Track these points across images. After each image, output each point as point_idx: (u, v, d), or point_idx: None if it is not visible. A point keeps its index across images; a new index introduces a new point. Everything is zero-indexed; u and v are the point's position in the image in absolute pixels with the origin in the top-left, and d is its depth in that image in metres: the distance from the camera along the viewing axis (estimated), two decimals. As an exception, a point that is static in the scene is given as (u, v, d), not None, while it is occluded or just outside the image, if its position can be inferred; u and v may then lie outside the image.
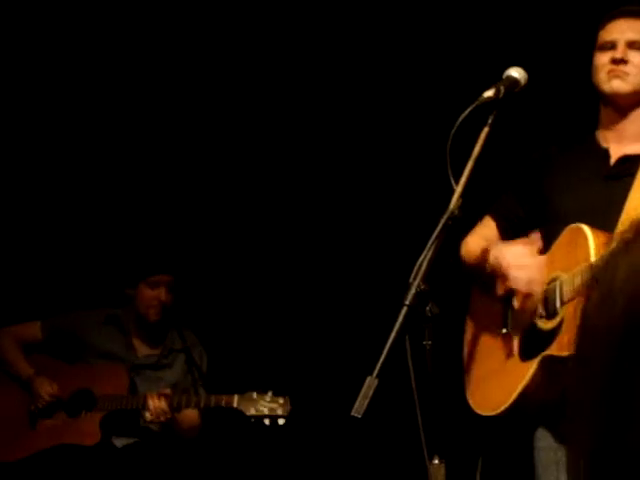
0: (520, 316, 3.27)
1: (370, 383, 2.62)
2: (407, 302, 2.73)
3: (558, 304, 3.12)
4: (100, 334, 5.09)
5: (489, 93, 3.05)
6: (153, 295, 5.01)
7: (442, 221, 2.87)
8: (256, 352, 5.57)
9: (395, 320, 2.67)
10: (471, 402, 3.33)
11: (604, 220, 3.14)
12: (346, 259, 5.54)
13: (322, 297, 5.58)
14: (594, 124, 3.41)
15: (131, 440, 4.96)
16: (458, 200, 2.91)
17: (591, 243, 3.07)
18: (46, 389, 4.97)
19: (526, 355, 3.23)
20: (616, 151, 3.32)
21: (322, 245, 5.60)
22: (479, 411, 3.31)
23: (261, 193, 5.71)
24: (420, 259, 2.82)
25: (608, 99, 3.30)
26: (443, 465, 2.75)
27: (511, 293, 3.26)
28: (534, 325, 3.20)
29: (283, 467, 5.57)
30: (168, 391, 4.87)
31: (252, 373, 5.24)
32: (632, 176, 3.20)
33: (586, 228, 3.12)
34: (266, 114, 5.61)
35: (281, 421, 4.66)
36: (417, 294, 2.74)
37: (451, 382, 3.35)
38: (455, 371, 3.48)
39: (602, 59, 3.30)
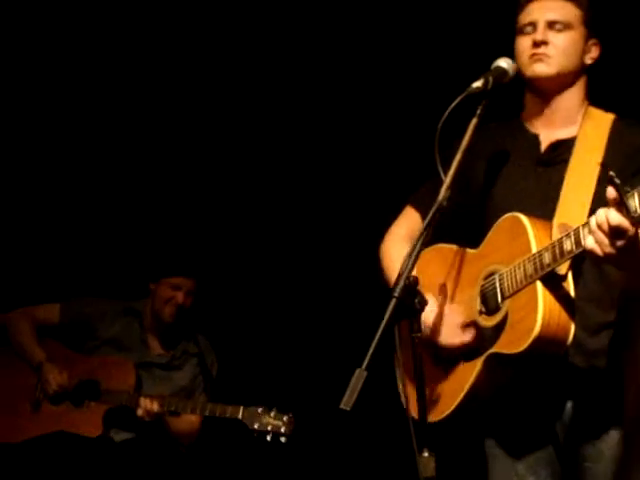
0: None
1: (359, 375, 2.60)
2: (396, 294, 2.70)
3: (499, 299, 3.03)
4: (116, 324, 5.12)
5: (477, 84, 3.03)
6: (172, 295, 5.05)
7: (431, 213, 2.85)
8: (262, 364, 5.59)
9: (384, 312, 2.67)
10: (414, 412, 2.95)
11: (539, 208, 3.06)
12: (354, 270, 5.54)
13: (311, 287, 5.60)
14: (517, 108, 3.28)
15: (130, 435, 4.97)
16: (447, 191, 2.88)
17: (531, 234, 2.98)
18: (55, 377, 4.98)
19: (467, 355, 3.11)
20: (546, 137, 3.20)
21: (328, 255, 5.63)
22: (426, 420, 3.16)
23: (274, 205, 5.75)
24: (409, 251, 2.80)
25: (533, 84, 3.18)
26: (433, 458, 2.74)
27: None
28: (475, 324, 3.09)
29: (274, 461, 5.58)
30: (165, 394, 4.92)
31: (255, 384, 5.27)
32: (565, 162, 3.11)
33: (524, 218, 3.02)
34: (277, 114, 5.64)
35: (283, 439, 4.66)
36: (406, 286, 2.72)
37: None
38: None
39: (523, 43, 3.17)
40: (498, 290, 3.04)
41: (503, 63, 3.11)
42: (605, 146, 3.10)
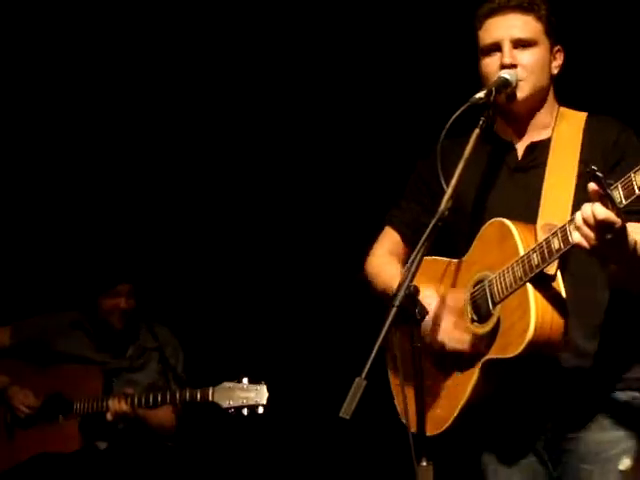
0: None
1: (358, 384, 2.61)
2: (396, 303, 2.71)
3: (490, 306, 3.03)
4: (69, 339, 5.10)
5: (480, 94, 3.03)
6: (114, 303, 5.03)
7: (432, 222, 2.85)
8: (238, 344, 5.59)
9: (384, 321, 2.67)
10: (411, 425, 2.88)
11: (522, 213, 3.05)
12: (333, 259, 5.55)
13: (312, 298, 5.61)
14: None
15: (112, 442, 4.94)
16: (448, 202, 2.88)
17: (517, 237, 2.99)
18: (20, 399, 4.95)
19: (463, 365, 3.11)
20: (521, 142, 3.20)
21: (304, 240, 5.64)
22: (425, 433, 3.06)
23: (242, 188, 5.75)
24: (410, 260, 2.80)
25: (505, 108, 3.14)
26: (431, 467, 2.75)
27: None
28: (466, 332, 3.08)
29: (272, 470, 5.58)
30: (130, 391, 4.86)
31: (233, 364, 5.25)
32: (543, 164, 3.10)
33: (509, 222, 3.02)
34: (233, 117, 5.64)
35: (260, 409, 4.61)
36: (406, 295, 2.73)
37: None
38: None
39: (490, 66, 3.13)
40: (488, 296, 3.05)
41: (506, 74, 3.11)
42: (581, 144, 3.11)
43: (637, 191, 2.63)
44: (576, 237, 2.74)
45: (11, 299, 5.54)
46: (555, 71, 3.21)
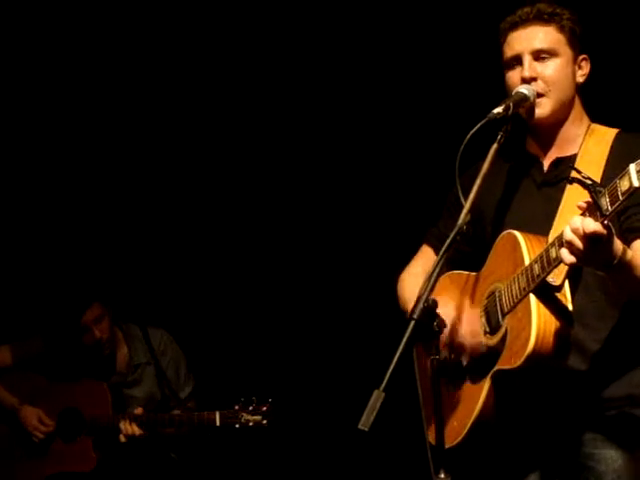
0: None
1: (377, 396, 2.63)
2: (415, 316, 2.73)
3: (500, 317, 3.06)
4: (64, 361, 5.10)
5: (498, 109, 3.04)
6: (91, 336, 5.00)
7: (451, 236, 2.87)
8: (260, 363, 5.59)
9: (402, 334, 2.69)
10: (431, 438, 2.95)
11: (541, 227, 3.07)
12: (353, 272, 5.57)
13: (333, 312, 5.61)
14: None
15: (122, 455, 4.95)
16: (467, 216, 2.89)
17: (524, 247, 3.00)
18: (34, 425, 4.95)
19: (476, 377, 3.13)
20: (547, 157, 3.20)
21: (325, 252, 5.64)
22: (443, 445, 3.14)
23: (253, 193, 5.75)
24: (428, 273, 2.83)
25: (529, 123, 3.16)
26: (449, 479, 2.76)
27: None
28: (480, 344, 3.11)
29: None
30: (139, 411, 4.87)
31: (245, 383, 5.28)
32: (566, 179, 3.06)
33: (517, 233, 3.05)
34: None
35: (266, 425, 4.61)
36: (425, 308, 2.75)
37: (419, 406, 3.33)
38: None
39: (511, 79, 3.14)
40: (498, 307, 3.07)
41: (524, 89, 3.11)
42: (606, 160, 3.10)
43: (621, 197, 2.64)
44: (563, 252, 2.76)
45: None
46: (581, 80, 3.19)
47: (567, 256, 2.75)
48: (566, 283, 2.97)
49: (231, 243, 5.76)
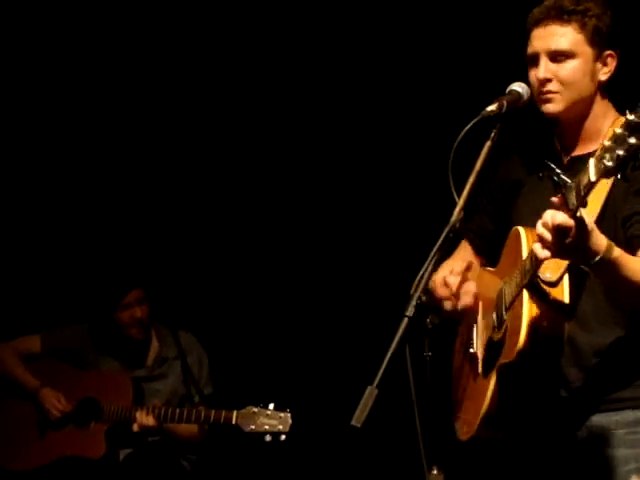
0: (481, 333, 3.22)
1: (370, 393, 2.64)
2: (408, 313, 2.74)
3: (504, 312, 3.08)
4: (96, 351, 5.15)
5: (492, 107, 3.04)
6: (129, 315, 5.03)
7: (444, 234, 2.88)
8: (256, 360, 5.59)
9: (395, 331, 2.70)
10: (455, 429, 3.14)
11: None
12: (347, 267, 5.56)
13: (323, 306, 5.61)
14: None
15: (135, 451, 4.98)
16: (460, 213, 2.91)
17: (524, 243, 3.02)
18: (54, 405, 5.00)
19: (487, 371, 3.15)
20: (567, 154, 3.18)
21: (322, 251, 5.63)
22: (459, 437, 3.23)
23: (266, 197, 5.74)
24: (421, 271, 2.83)
25: (547, 117, 3.15)
26: (442, 475, 2.77)
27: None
28: (491, 339, 3.15)
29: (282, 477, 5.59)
30: (157, 403, 4.89)
31: (253, 379, 5.27)
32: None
33: (520, 229, 3.06)
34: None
35: (282, 437, 4.62)
36: (418, 305, 2.76)
37: (451, 393, 3.36)
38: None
39: (532, 77, 3.13)
40: (502, 302, 3.10)
41: (518, 87, 3.11)
42: None
43: (582, 191, 2.63)
44: (535, 245, 2.77)
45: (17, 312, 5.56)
46: (603, 77, 3.12)
47: (540, 250, 2.75)
48: (565, 279, 2.97)
49: (246, 250, 5.75)
